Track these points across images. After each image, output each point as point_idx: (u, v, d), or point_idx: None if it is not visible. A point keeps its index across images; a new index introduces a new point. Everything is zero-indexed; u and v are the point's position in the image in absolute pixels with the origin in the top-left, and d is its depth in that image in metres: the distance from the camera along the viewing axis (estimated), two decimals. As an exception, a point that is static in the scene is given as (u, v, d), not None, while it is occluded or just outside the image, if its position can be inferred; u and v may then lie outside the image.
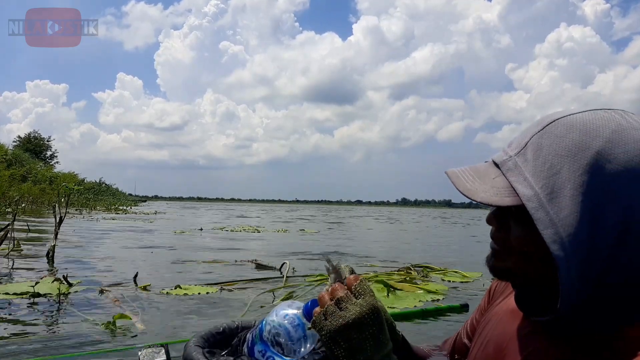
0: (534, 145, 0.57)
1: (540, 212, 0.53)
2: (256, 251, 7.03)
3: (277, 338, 0.65)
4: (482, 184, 0.59)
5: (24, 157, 33.99)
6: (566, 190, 0.52)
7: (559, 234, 0.51)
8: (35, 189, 24.28)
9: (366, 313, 0.60)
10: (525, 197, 0.54)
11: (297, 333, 0.65)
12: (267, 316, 0.68)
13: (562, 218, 0.51)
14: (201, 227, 12.22)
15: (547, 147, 0.55)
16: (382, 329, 0.62)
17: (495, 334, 0.70)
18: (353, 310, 0.60)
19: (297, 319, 0.66)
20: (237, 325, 0.76)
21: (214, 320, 2.94)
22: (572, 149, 0.53)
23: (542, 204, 0.53)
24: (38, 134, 48.33)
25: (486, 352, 0.70)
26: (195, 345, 0.68)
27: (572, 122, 0.55)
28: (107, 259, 5.76)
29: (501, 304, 0.76)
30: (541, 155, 0.55)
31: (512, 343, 0.65)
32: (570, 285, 0.52)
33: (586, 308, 0.53)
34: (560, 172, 0.53)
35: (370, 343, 0.60)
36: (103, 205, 29.55)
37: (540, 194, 0.53)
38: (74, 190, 6.74)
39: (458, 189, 0.59)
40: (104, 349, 2.28)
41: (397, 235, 13.67)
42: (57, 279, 3.68)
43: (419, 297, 3.78)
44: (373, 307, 0.61)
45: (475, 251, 8.16)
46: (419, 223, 22.23)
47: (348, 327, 0.59)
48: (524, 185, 0.55)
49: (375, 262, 6.03)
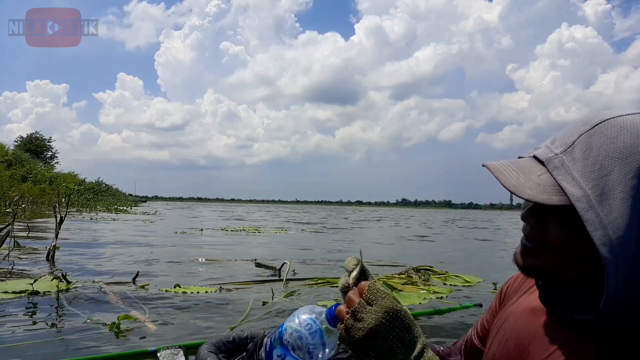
0: (582, 145, 0.56)
1: (590, 214, 0.52)
2: (256, 251, 7.02)
3: (297, 342, 0.65)
4: (528, 180, 0.58)
5: (24, 157, 34.00)
6: (617, 193, 0.52)
7: (609, 236, 0.51)
8: (35, 189, 24.27)
9: (383, 318, 0.59)
10: (575, 197, 0.53)
11: (317, 338, 0.65)
12: (287, 320, 0.68)
13: (612, 220, 0.51)
14: (201, 228, 12.21)
15: (597, 148, 0.54)
16: (406, 328, 0.61)
17: (514, 331, 0.70)
18: (369, 320, 0.59)
19: (317, 324, 0.66)
20: (247, 335, 0.78)
21: (214, 321, 2.94)
22: (623, 151, 0.53)
23: (592, 204, 0.52)
24: (39, 135, 48.41)
25: (506, 349, 0.70)
26: (209, 352, 0.68)
27: (623, 123, 0.55)
28: (107, 259, 5.75)
29: (517, 303, 0.76)
30: (591, 155, 0.55)
31: (536, 340, 0.64)
32: (615, 287, 0.52)
33: (628, 309, 0.53)
34: (611, 174, 0.53)
35: (399, 346, 0.59)
36: (103, 206, 29.54)
37: (591, 194, 0.53)
38: (74, 191, 6.73)
39: (503, 184, 0.58)
40: (116, 351, 2.25)
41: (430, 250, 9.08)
42: (56, 277, 3.67)
43: (422, 296, 3.79)
44: (388, 310, 0.60)
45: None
46: (441, 233, 14.96)
47: (370, 337, 0.59)
48: (572, 184, 0.54)
49: (377, 264, 6.03)
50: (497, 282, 4.60)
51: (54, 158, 48.14)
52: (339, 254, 7.28)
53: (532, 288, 0.74)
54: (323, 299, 3.68)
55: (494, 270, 5.75)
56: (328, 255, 7.01)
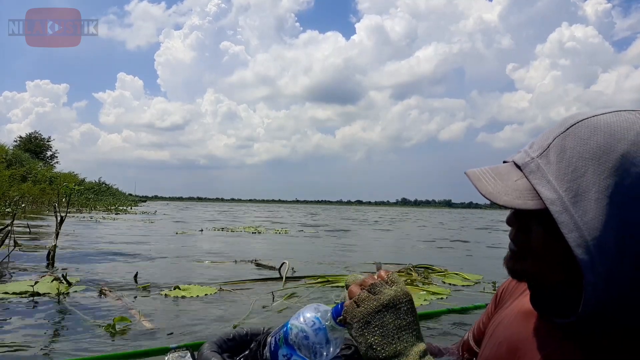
0: (556, 147, 0.56)
1: (564, 216, 0.52)
2: (256, 251, 7.02)
3: (303, 342, 0.64)
4: (504, 186, 0.58)
5: (23, 157, 33.99)
6: (591, 194, 0.52)
7: (584, 237, 0.51)
8: (35, 189, 24.27)
9: (402, 296, 0.60)
10: (549, 201, 0.53)
11: (323, 337, 0.65)
12: (291, 319, 0.68)
13: (587, 221, 0.51)
14: (202, 229, 12.20)
15: (571, 150, 0.54)
16: (417, 321, 0.61)
17: (507, 334, 0.71)
18: (387, 293, 0.59)
19: (323, 323, 0.66)
20: (247, 332, 0.77)
21: (214, 322, 2.94)
22: (596, 151, 0.52)
23: (566, 207, 0.52)
24: (39, 134, 48.40)
25: (499, 352, 0.70)
26: (211, 351, 0.67)
27: (596, 124, 0.54)
28: (107, 259, 5.75)
29: (512, 305, 0.77)
30: (565, 157, 0.55)
31: (528, 344, 0.65)
32: (594, 289, 0.52)
33: (610, 310, 0.53)
34: (585, 175, 0.52)
35: (407, 331, 0.59)
36: (103, 206, 29.55)
37: (564, 197, 0.53)
38: (74, 191, 6.74)
39: (480, 192, 0.59)
40: (117, 352, 2.26)
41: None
42: (56, 279, 3.68)
43: (423, 297, 3.79)
44: (408, 293, 0.61)
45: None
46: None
47: (383, 308, 0.59)
48: (547, 188, 0.54)
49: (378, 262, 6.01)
50: (497, 282, 4.61)
51: (54, 158, 48.20)
52: (338, 259, 7.26)
53: (526, 291, 0.75)
54: (325, 300, 3.68)
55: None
56: (332, 257, 7.00)
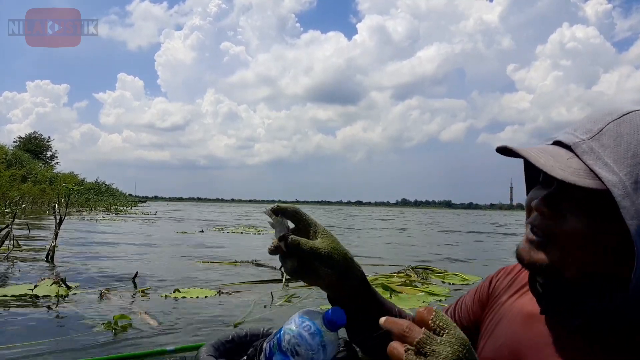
0: (612, 132, 0.54)
1: (627, 201, 0.49)
2: (257, 251, 7.02)
3: (296, 348, 0.63)
4: (557, 162, 0.54)
5: (24, 157, 33.98)
6: None
7: None
8: (35, 189, 24.28)
9: (460, 351, 0.48)
10: (611, 183, 0.50)
11: (316, 342, 0.63)
12: (284, 325, 0.66)
13: None
14: (202, 229, 12.19)
15: (628, 136, 0.53)
16: None
17: (509, 338, 0.68)
18: (444, 353, 0.48)
19: (315, 328, 0.64)
20: (246, 333, 0.76)
21: (214, 323, 2.94)
22: None
23: (627, 192, 0.50)
24: (39, 135, 48.40)
25: (500, 355, 0.68)
26: (208, 355, 0.67)
27: None
28: (106, 259, 5.74)
29: (509, 303, 0.74)
30: (622, 142, 0.52)
31: (531, 352, 0.62)
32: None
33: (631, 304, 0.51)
34: None
35: None
36: (103, 206, 29.54)
37: (626, 181, 0.50)
38: (74, 191, 6.73)
39: (535, 164, 0.54)
40: (116, 352, 2.27)
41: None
42: (55, 282, 3.67)
43: (421, 299, 3.78)
44: (464, 341, 0.49)
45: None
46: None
47: None
48: (605, 170, 0.51)
49: (377, 263, 6.02)
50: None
51: (54, 158, 48.20)
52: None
53: (525, 288, 0.71)
54: (326, 302, 3.68)
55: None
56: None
